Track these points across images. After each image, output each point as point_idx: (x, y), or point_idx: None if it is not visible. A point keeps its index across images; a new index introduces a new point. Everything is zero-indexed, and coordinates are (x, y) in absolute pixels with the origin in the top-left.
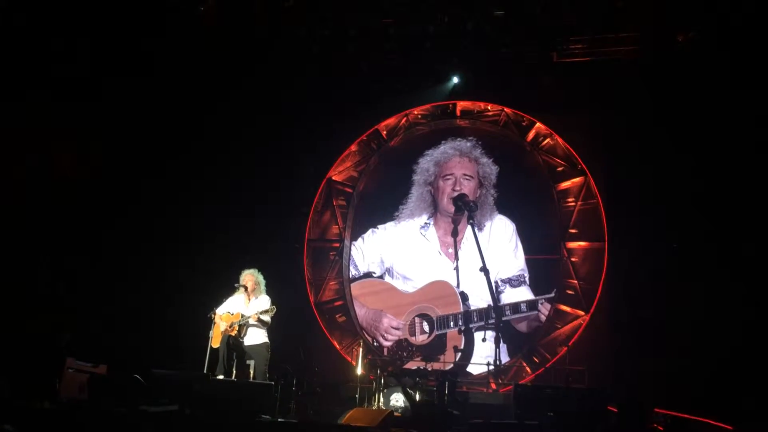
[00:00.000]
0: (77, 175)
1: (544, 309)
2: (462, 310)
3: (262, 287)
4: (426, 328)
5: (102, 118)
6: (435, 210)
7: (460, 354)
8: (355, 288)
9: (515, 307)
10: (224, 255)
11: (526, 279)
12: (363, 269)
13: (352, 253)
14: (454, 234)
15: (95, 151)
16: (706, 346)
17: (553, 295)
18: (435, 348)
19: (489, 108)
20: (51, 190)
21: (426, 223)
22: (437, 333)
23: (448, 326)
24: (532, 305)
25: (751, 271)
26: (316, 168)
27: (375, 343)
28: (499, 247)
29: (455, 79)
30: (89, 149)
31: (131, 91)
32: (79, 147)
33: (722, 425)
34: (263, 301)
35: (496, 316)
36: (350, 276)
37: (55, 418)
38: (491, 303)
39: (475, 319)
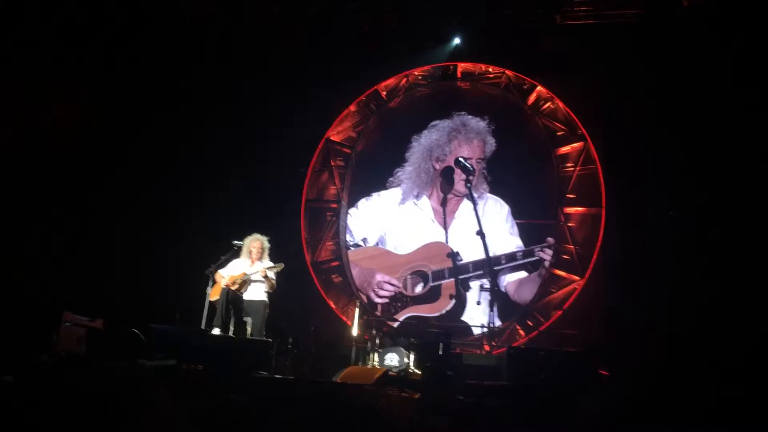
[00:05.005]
0: (73, 127)
1: (546, 255)
2: None
3: (267, 253)
4: (420, 283)
5: (99, 72)
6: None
7: (454, 301)
8: (351, 254)
9: (511, 256)
10: (224, 214)
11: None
12: (358, 237)
13: (348, 222)
14: (444, 203)
15: (91, 103)
16: (696, 315)
17: (549, 243)
18: (429, 297)
19: (490, 70)
20: (46, 141)
21: (418, 193)
22: (432, 285)
23: (444, 278)
24: (528, 253)
25: (744, 243)
26: (315, 128)
27: (367, 300)
28: (494, 227)
29: (456, 40)
30: (85, 101)
31: (121, 49)
32: (75, 98)
33: None
34: (269, 264)
35: (489, 266)
36: (346, 243)
37: (52, 370)
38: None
39: (471, 269)
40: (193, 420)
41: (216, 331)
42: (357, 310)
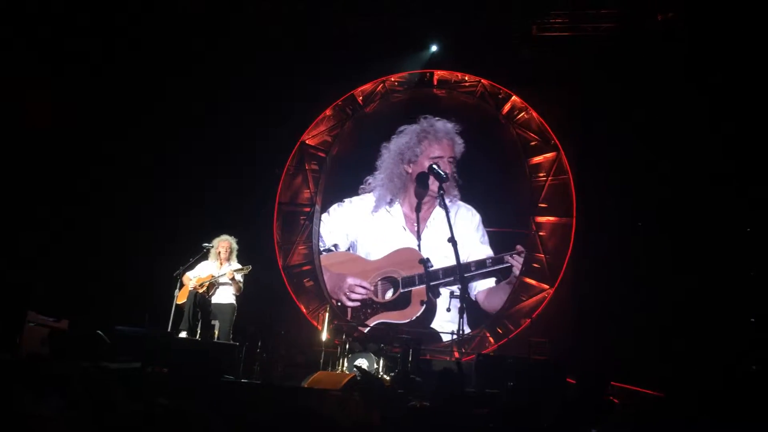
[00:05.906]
0: (45, 126)
1: (516, 261)
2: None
3: (235, 254)
4: (390, 289)
5: (79, 73)
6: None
7: (424, 308)
8: (322, 259)
9: (480, 263)
10: (196, 215)
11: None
12: (329, 243)
13: (320, 227)
14: (418, 209)
15: (64, 104)
16: (661, 324)
17: (519, 251)
18: (399, 304)
19: (466, 79)
20: (19, 138)
21: (391, 199)
22: (402, 291)
23: (414, 284)
24: (498, 260)
25: (714, 252)
26: (290, 131)
27: (338, 304)
28: (465, 235)
29: (434, 48)
30: (57, 100)
31: (98, 48)
32: (51, 97)
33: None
34: (236, 266)
35: (460, 273)
36: (318, 248)
37: (15, 369)
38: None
39: (441, 276)
40: (154, 423)
41: (183, 335)
42: (327, 315)
